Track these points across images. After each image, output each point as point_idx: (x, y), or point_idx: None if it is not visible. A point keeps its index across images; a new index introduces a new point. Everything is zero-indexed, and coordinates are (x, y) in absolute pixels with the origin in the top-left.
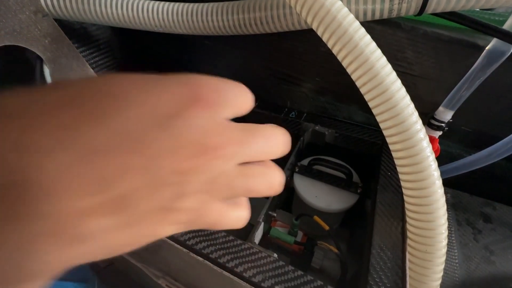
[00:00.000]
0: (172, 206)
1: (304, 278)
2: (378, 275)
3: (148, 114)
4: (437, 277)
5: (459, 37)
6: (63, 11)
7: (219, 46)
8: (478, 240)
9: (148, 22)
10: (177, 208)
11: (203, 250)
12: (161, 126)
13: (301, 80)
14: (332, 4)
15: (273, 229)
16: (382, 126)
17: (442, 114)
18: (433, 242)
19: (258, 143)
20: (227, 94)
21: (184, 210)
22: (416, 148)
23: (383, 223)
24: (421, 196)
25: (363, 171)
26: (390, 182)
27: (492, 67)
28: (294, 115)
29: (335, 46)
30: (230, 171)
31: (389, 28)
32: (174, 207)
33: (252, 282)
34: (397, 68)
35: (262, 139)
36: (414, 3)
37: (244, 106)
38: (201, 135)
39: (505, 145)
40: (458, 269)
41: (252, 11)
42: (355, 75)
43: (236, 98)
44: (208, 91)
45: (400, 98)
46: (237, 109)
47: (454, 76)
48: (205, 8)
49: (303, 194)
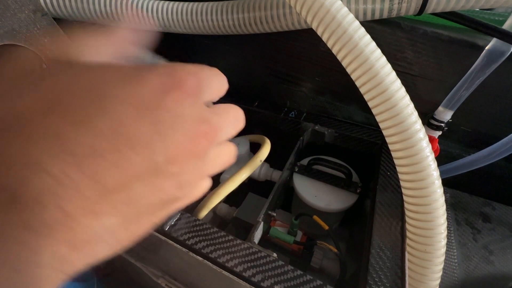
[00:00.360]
0: (173, 196)
1: (303, 277)
2: (377, 274)
3: (132, 109)
4: (436, 276)
5: (458, 37)
6: (62, 10)
7: (219, 45)
8: (477, 240)
9: (148, 21)
10: (177, 197)
11: (203, 249)
12: (147, 119)
13: (301, 80)
14: (332, 3)
15: (273, 229)
16: (381, 126)
17: (442, 114)
18: (432, 242)
19: (230, 124)
20: (204, 79)
21: (183, 197)
22: (416, 148)
23: (383, 222)
24: (420, 196)
25: (362, 171)
26: (389, 181)
27: (492, 67)
28: (293, 115)
29: (334, 45)
30: (215, 150)
31: (389, 28)
32: (174, 197)
33: (252, 281)
34: (397, 68)
35: (233, 119)
36: (414, 3)
37: (221, 90)
38: (188, 123)
39: (504, 145)
40: (457, 268)
41: (252, 10)
42: (355, 74)
43: (213, 83)
44: (187, 78)
45: (400, 98)
46: (214, 93)
47: (454, 76)
48: (205, 7)
49: (303, 194)
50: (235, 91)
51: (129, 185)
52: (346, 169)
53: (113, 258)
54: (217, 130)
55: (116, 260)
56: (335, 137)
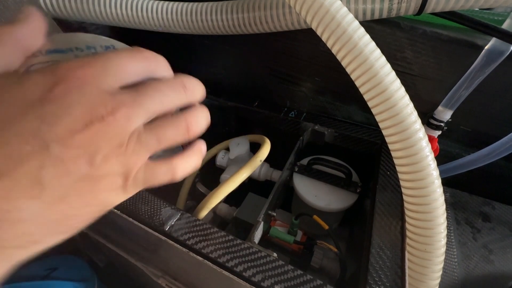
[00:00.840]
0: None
1: (303, 277)
2: (377, 274)
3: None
4: (436, 276)
5: (458, 36)
6: (62, 11)
7: (219, 45)
8: (477, 239)
9: (148, 21)
10: (100, 175)
11: (203, 249)
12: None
13: (301, 80)
14: (331, 3)
15: (273, 229)
16: (381, 126)
17: (441, 113)
18: (432, 241)
19: (154, 98)
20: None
21: (110, 175)
22: (415, 147)
23: (383, 222)
24: (420, 195)
25: (362, 171)
26: (389, 181)
27: (491, 66)
28: (293, 115)
29: (334, 45)
30: (136, 131)
31: (389, 27)
32: (96, 175)
33: (252, 281)
34: (396, 67)
35: (158, 93)
36: (413, 2)
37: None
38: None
39: (504, 145)
40: (457, 268)
41: (252, 10)
42: (354, 74)
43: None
44: (70, 72)
45: (399, 97)
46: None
47: (453, 76)
48: (205, 7)
49: (303, 194)
50: (235, 91)
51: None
52: (346, 168)
53: (113, 258)
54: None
55: (116, 260)
56: (335, 137)
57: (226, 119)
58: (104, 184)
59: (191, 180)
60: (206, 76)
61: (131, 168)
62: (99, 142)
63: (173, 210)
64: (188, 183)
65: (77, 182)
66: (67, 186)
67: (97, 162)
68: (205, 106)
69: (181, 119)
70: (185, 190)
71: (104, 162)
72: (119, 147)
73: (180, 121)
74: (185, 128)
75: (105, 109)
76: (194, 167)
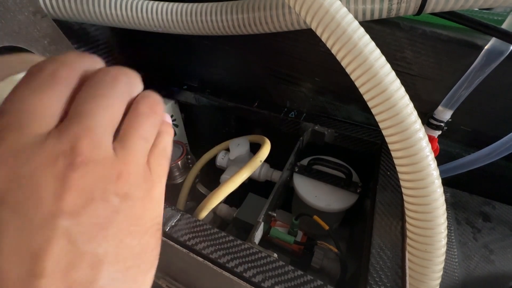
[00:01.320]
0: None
1: (304, 278)
2: (378, 274)
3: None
4: (437, 276)
5: (458, 36)
6: (62, 12)
7: (219, 46)
8: (477, 239)
9: (148, 22)
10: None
11: (203, 250)
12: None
13: (301, 80)
14: (331, 4)
15: (273, 229)
16: (381, 126)
17: (441, 113)
18: (432, 241)
19: (96, 108)
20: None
21: (134, 202)
22: (415, 148)
23: (383, 222)
24: (420, 196)
25: (362, 171)
26: (389, 181)
27: (491, 66)
28: (293, 115)
29: (334, 46)
30: (114, 148)
31: (388, 28)
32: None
33: (252, 282)
34: (396, 67)
35: (97, 100)
36: (413, 3)
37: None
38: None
39: (504, 144)
40: (458, 268)
41: (252, 11)
42: (354, 74)
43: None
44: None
45: (399, 97)
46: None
47: (453, 76)
48: (205, 8)
49: (303, 194)
50: (235, 92)
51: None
52: (346, 169)
53: None
54: (80, 146)
55: None
56: (335, 137)
57: (226, 120)
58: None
59: (191, 180)
60: (206, 77)
61: (151, 175)
62: (97, 188)
63: (173, 211)
64: (188, 183)
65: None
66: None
67: (121, 206)
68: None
69: (143, 109)
70: (185, 190)
71: (125, 199)
72: (118, 178)
73: (144, 110)
74: (152, 112)
75: (63, 163)
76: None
